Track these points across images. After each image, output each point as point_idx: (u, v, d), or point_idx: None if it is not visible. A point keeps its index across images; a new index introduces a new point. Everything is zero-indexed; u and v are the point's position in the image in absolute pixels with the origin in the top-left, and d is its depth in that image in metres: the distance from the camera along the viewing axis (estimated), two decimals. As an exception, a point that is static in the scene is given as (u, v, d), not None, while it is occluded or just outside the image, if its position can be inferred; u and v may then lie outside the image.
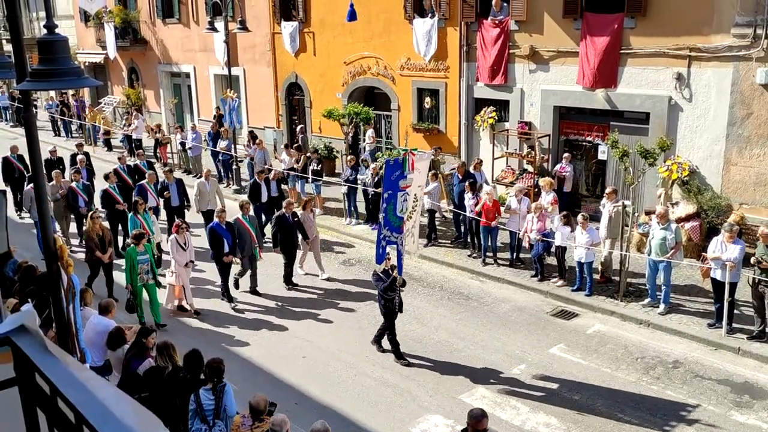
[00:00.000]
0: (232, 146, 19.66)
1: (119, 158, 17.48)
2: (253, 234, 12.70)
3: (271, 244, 13.75)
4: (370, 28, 19.05)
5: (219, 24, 20.10)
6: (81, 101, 28.76)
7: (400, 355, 10.38)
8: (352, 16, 16.81)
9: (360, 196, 16.58)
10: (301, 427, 7.77)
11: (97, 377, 1.82)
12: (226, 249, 12.20)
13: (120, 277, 12.28)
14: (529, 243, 13.02)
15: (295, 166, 17.61)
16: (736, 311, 10.91)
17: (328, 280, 13.54)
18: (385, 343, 10.64)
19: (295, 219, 13.04)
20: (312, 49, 21.16)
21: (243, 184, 19.63)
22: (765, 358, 10.07)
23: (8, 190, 16.72)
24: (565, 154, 15.50)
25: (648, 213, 13.05)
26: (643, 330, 11.27)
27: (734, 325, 10.73)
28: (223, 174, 20.55)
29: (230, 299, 12.61)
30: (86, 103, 28.93)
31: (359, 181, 16.14)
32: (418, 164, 9.81)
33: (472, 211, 13.95)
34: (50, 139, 26.67)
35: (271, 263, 13.83)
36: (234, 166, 19.80)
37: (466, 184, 14.25)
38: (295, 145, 19.07)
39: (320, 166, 17.52)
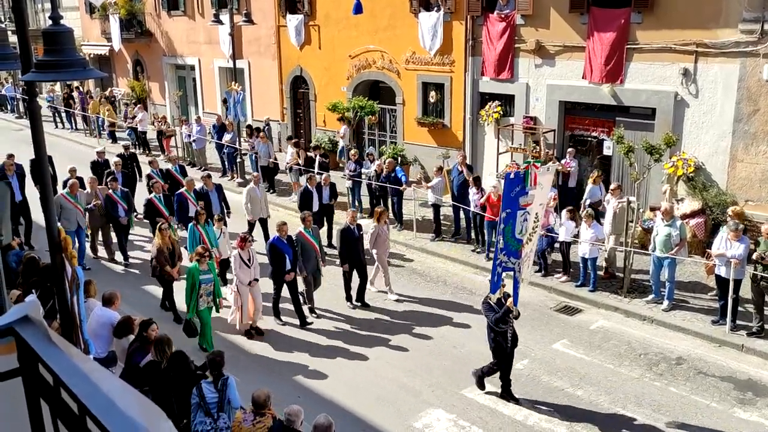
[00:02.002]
0: (237, 139, 19.66)
1: (151, 162, 16.33)
2: (318, 248, 11.62)
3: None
4: (376, 22, 19.00)
5: (224, 16, 20.09)
6: (82, 94, 28.72)
7: (509, 394, 9.17)
8: (358, 9, 16.77)
9: (364, 190, 16.56)
10: (304, 419, 7.77)
11: (101, 368, 1.82)
12: (288, 266, 11.09)
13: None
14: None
15: (299, 162, 17.59)
16: (740, 308, 10.88)
17: (397, 300, 12.31)
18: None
19: (361, 232, 11.94)
20: (317, 42, 21.12)
21: (247, 177, 19.65)
22: (769, 356, 10.06)
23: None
24: (570, 149, 15.46)
25: (653, 209, 13.02)
26: (646, 326, 11.26)
27: (738, 322, 10.70)
28: (227, 167, 20.57)
29: (303, 322, 11.40)
30: (84, 95, 28.87)
31: (363, 175, 16.11)
32: (541, 178, 8.55)
33: (476, 206, 13.93)
34: (52, 131, 26.65)
35: (333, 279, 12.59)
36: (238, 159, 19.80)
37: (471, 179, 14.24)
38: (294, 140, 19.01)
39: (327, 159, 17.54)
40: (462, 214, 15.06)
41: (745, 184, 13.33)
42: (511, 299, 8.76)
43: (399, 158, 17.49)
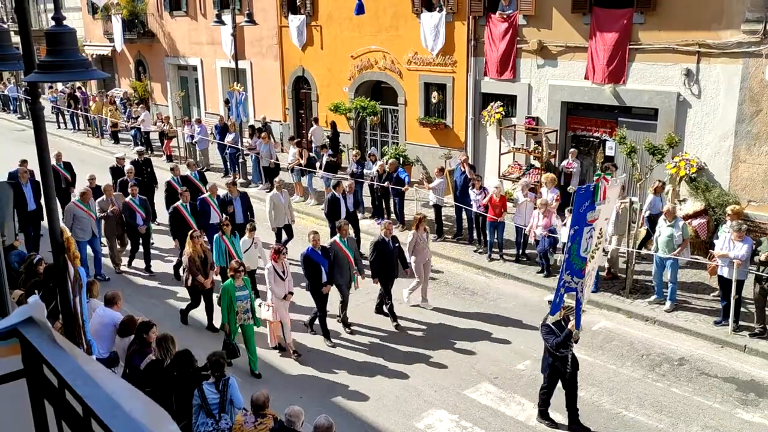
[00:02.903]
0: (239, 140, 19.67)
1: (172, 169, 15.72)
2: (352, 259, 11.00)
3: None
4: (378, 22, 19.00)
5: (226, 17, 20.09)
6: (85, 94, 28.74)
7: (579, 425, 8.52)
8: (360, 9, 16.78)
9: (366, 191, 16.56)
10: (305, 421, 7.77)
11: (105, 370, 1.82)
12: (324, 278, 10.57)
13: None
14: (535, 239, 13.00)
15: (301, 161, 17.60)
16: (742, 309, 10.87)
17: (434, 309, 11.93)
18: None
19: (396, 245, 11.29)
20: (319, 42, 21.12)
21: (249, 177, 19.65)
22: (771, 357, 10.04)
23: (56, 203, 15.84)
24: (572, 150, 15.45)
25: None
26: (649, 327, 11.24)
27: (741, 322, 10.69)
28: (229, 167, 20.59)
29: (327, 335, 10.86)
30: (87, 95, 28.88)
31: (365, 176, 16.12)
32: (610, 192, 8.08)
33: (478, 206, 13.93)
34: (54, 131, 26.69)
35: (365, 291, 12.05)
36: (240, 160, 19.82)
37: (474, 179, 14.24)
38: (296, 140, 19.01)
39: (335, 159, 17.56)
40: (464, 215, 15.05)
41: (748, 184, 13.31)
42: (573, 322, 8.17)
43: (401, 159, 17.49)
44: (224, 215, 12.76)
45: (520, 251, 13.82)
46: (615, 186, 8.40)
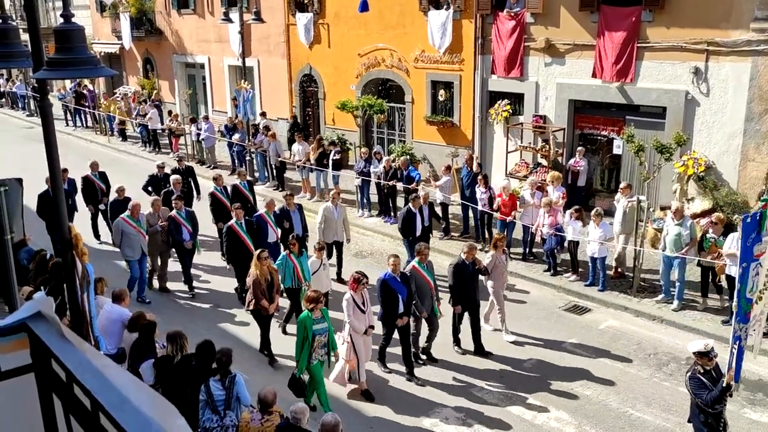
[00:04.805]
0: (247, 138, 19.71)
1: (215, 178, 14.32)
2: (433, 285, 9.97)
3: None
4: (385, 20, 18.99)
5: (234, 15, 20.12)
6: (93, 92, 28.84)
7: None
8: (364, 6, 16.78)
9: (373, 188, 16.56)
10: (311, 419, 7.79)
11: (113, 364, 1.82)
12: (401, 308, 9.49)
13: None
14: (542, 237, 12.98)
15: (311, 158, 17.61)
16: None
17: (514, 343, 10.78)
18: None
19: (476, 267, 10.23)
20: (326, 40, 21.12)
21: (256, 175, 19.68)
22: (780, 356, 9.98)
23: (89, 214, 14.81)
24: (579, 148, 15.41)
25: (663, 208, 12.95)
26: (656, 326, 11.21)
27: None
28: (237, 165, 20.64)
29: (411, 373, 9.78)
30: (95, 93, 28.96)
31: (372, 174, 16.11)
32: None
33: (484, 204, 13.91)
34: (63, 129, 26.80)
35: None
36: (247, 158, 19.86)
37: (480, 177, 14.22)
38: (302, 135, 19.00)
39: (339, 156, 17.56)
40: (471, 213, 15.03)
41: (756, 183, 13.24)
42: (732, 373, 6.94)
43: (408, 156, 17.48)
44: (291, 235, 11.61)
45: (527, 250, 13.79)
46: None
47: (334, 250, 13.12)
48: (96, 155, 19.49)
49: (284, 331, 10.92)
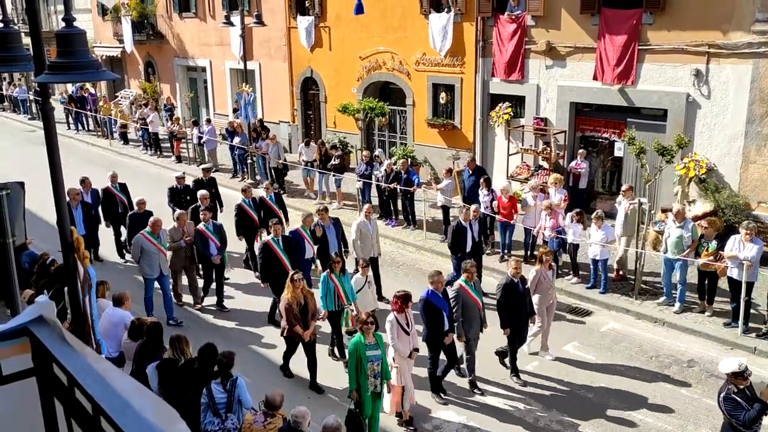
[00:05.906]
0: (248, 141, 19.72)
1: (243, 190, 13.66)
2: (481, 306, 9.35)
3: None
4: (386, 23, 19.01)
5: (235, 18, 20.16)
6: (94, 95, 28.88)
7: None
8: (359, 9, 16.79)
9: (374, 191, 16.56)
10: (313, 421, 7.77)
11: (115, 368, 1.83)
12: (446, 324, 8.94)
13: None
14: (543, 240, 12.97)
15: (316, 159, 17.65)
16: (752, 311, 10.80)
17: (554, 360, 10.29)
18: None
19: (526, 287, 9.73)
20: (327, 43, 21.15)
21: (257, 178, 19.68)
22: (782, 359, 9.97)
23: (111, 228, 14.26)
24: (581, 151, 15.41)
25: (664, 211, 12.94)
26: (657, 328, 11.19)
27: (750, 324, 10.63)
28: (238, 168, 20.66)
29: (474, 386, 9.40)
30: (95, 95, 28.99)
31: (374, 177, 16.12)
32: None
33: (486, 207, 13.90)
34: (64, 132, 26.83)
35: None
36: (249, 161, 19.87)
37: (482, 180, 14.21)
38: (306, 140, 19.04)
39: (339, 160, 17.56)
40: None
41: (758, 185, 13.23)
42: (767, 390, 6.78)
43: (409, 159, 17.49)
44: (335, 251, 11.01)
45: (528, 252, 13.78)
46: None
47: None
48: (97, 158, 19.51)
49: (333, 354, 10.34)
